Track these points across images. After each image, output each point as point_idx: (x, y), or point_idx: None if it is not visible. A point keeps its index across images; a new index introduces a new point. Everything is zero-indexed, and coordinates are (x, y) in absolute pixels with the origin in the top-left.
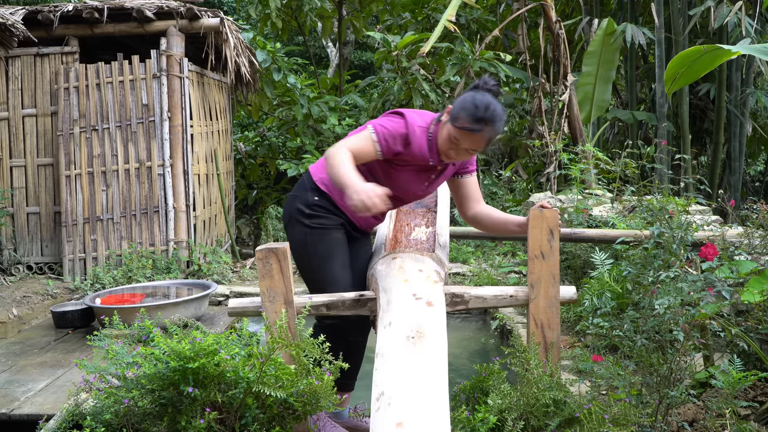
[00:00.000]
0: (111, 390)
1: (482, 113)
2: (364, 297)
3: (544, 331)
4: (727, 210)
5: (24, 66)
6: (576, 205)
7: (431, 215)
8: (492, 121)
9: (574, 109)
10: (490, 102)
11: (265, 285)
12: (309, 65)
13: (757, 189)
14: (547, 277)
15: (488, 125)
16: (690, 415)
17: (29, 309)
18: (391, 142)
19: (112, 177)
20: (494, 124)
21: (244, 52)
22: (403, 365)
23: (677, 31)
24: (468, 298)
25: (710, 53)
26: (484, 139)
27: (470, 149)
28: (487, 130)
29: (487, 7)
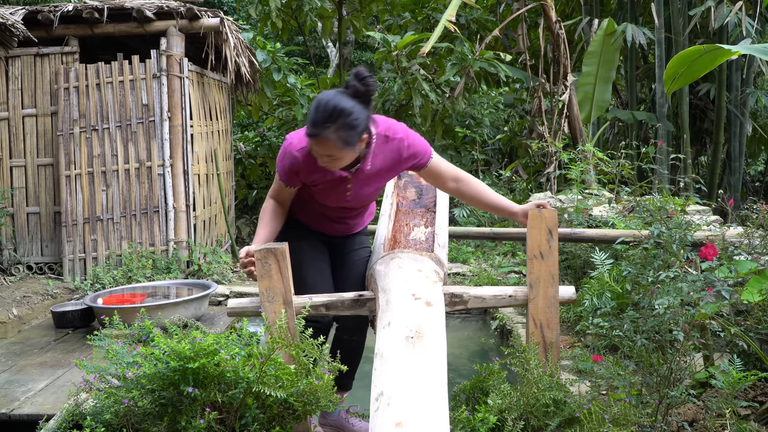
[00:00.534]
0: (111, 390)
1: (318, 115)
2: (363, 297)
3: (543, 331)
4: (727, 210)
5: (24, 66)
6: (576, 205)
7: (430, 215)
8: (330, 122)
9: (574, 109)
10: (329, 100)
11: (264, 285)
12: (309, 65)
13: (757, 189)
14: (546, 277)
15: (327, 127)
16: (690, 415)
17: (29, 309)
18: (288, 175)
19: (112, 177)
20: (333, 124)
21: (244, 52)
22: (402, 365)
23: (677, 31)
24: (467, 298)
25: (710, 53)
26: (333, 143)
27: (327, 155)
28: (328, 132)
29: (487, 7)
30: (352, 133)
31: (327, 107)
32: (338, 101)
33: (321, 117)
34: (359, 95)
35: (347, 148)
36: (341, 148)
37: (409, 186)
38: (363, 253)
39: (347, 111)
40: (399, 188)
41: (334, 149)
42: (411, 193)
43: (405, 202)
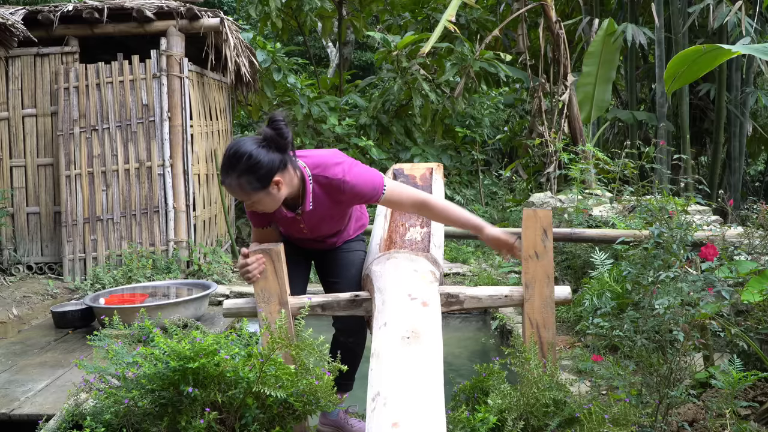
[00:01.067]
0: (111, 390)
1: (222, 162)
2: (359, 297)
3: (540, 331)
4: (727, 210)
5: (24, 66)
6: (576, 205)
7: None
8: (230, 169)
9: (574, 109)
10: (231, 147)
11: (260, 286)
12: (309, 65)
13: (757, 189)
14: (541, 277)
15: (229, 174)
16: (690, 415)
17: (29, 309)
18: (252, 217)
19: (112, 177)
20: (234, 171)
21: (244, 52)
22: (398, 365)
23: (677, 31)
24: (463, 299)
25: (710, 53)
26: (239, 189)
27: (245, 201)
28: (231, 179)
29: (487, 7)
30: (253, 177)
31: (228, 154)
32: (239, 147)
33: (224, 164)
34: (268, 140)
35: (256, 193)
36: (249, 192)
37: None
38: (355, 255)
39: (246, 156)
40: None
41: (243, 194)
42: None
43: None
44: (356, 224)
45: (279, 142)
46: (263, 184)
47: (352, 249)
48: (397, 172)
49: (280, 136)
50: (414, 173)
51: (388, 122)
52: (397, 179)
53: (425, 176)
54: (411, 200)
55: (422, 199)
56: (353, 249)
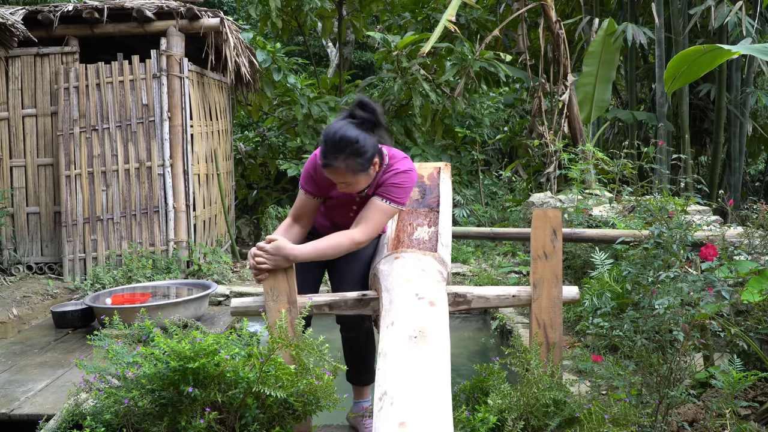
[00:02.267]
0: (111, 390)
1: (327, 147)
2: (366, 296)
3: (547, 331)
4: (727, 210)
5: (24, 66)
6: (576, 205)
7: (434, 215)
8: (338, 152)
9: (574, 109)
10: (335, 131)
11: (269, 284)
12: (309, 65)
13: (757, 189)
14: (550, 278)
15: (336, 157)
16: (690, 415)
17: (29, 309)
18: (306, 180)
19: (112, 177)
20: (342, 154)
21: (244, 52)
22: (405, 365)
23: (677, 31)
24: (471, 298)
25: (710, 53)
26: (344, 171)
27: (343, 182)
28: (338, 162)
29: (487, 7)
30: (360, 160)
31: (334, 139)
32: (344, 132)
33: (330, 148)
34: (365, 123)
35: (359, 174)
36: (353, 175)
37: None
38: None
39: (353, 140)
40: None
41: (347, 176)
42: (414, 192)
43: (408, 202)
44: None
45: (373, 125)
46: (366, 166)
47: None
48: None
49: (374, 119)
50: (422, 173)
51: (388, 122)
52: None
53: (432, 175)
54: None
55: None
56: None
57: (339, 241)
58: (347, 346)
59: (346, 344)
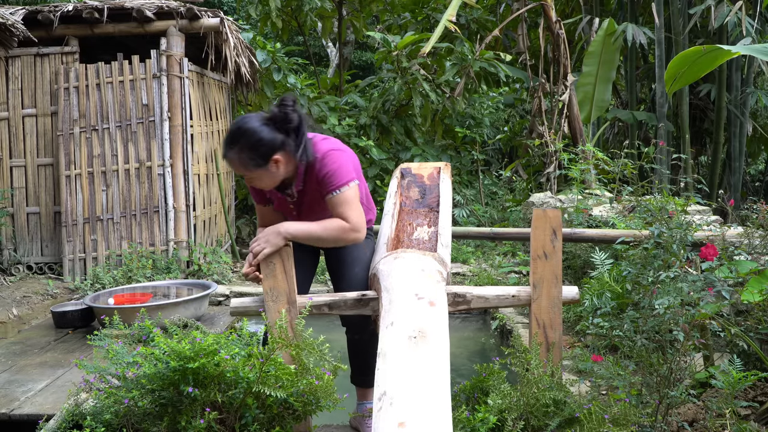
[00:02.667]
0: (111, 390)
1: (226, 137)
2: (366, 297)
3: (546, 331)
4: (727, 210)
5: (24, 66)
6: (576, 205)
7: (433, 215)
8: (233, 143)
9: (574, 109)
10: (236, 122)
11: (269, 285)
12: (309, 65)
13: (757, 189)
14: (549, 278)
15: (231, 148)
16: (690, 415)
17: (29, 309)
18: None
19: (112, 177)
20: (236, 145)
21: (244, 52)
22: (405, 365)
23: (677, 31)
24: (470, 298)
25: (710, 53)
26: (237, 163)
27: (245, 176)
28: (232, 153)
29: (487, 7)
30: (253, 154)
31: (233, 128)
32: (244, 123)
33: (227, 138)
34: (275, 120)
35: (251, 169)
36: (249, 168)
37: (412, 185)
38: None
39: (249, 132)
40: (402, 188)
41: (243, 169)
42: (414, 192)
43: (408, 202)
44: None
45: (284, 123)
46: (263, 161)
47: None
48: (404, 172)
49: (285, 118)
50: (422, 173)
51: (388, 122)
52: (404, 179)
53: (433, 175)
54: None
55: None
56: (359, 245)
57: (329, 223)
58: (352, 347)
59: (350, 346)
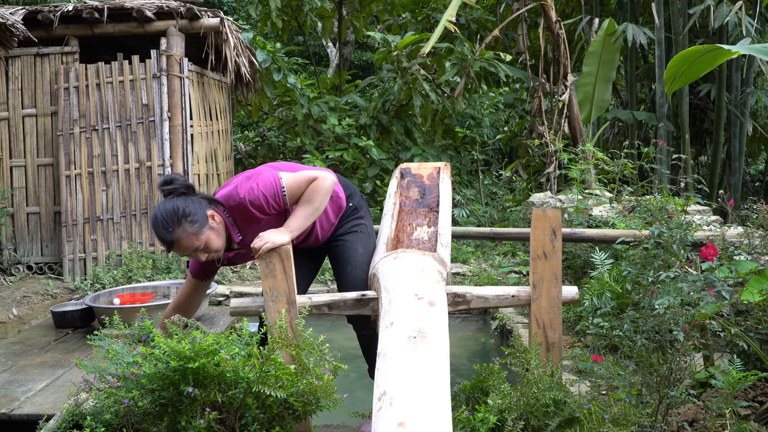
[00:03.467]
0: (111, 390)
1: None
2: (365, 297)
3: (546, 331)
4: (727, 210)
5: (24, 66)
6: (576, 205)
7: (433, 215)
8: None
9: (574, 109)
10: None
11: (268, 285)
12: (309, 65)
13: (757, 189)
14: (549, 278)
15: (173, 231)
16: (690, 415)
17: (29, 309)
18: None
19: (112, 177)
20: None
21: (244, 52)
22: (404, 365)
23: (677, 31)
24: (470, 298)
25: (710, 53)
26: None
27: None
28: (176, 233)
29: (487, 7)
30: (193, 218)
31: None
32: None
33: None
34: (175, 192)
35: (200, 233)
36: (198, 234)
37: (412, 186)
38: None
39: (174, 209)
40: (402, 188)
41: (195, 239)
42: (414, 192)
43: (408, 202)
44: (333, 209)
45: (185, 189)
46: (204, 220)
47: (348, 240)
48: (404, 172)
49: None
50: (421, 172)
51: (388, 122)
52: (404, 179)
53: (432, 175)
54: (306, 181)
55: (313, 176)
56: (349, 240)
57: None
58: (363, 343)
59: (362, 342)
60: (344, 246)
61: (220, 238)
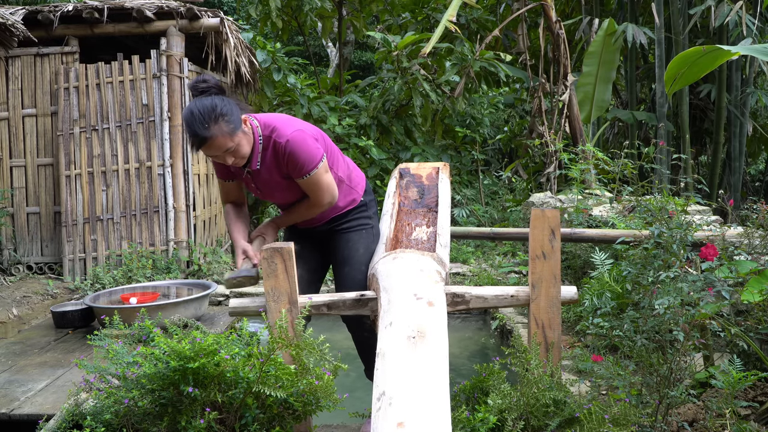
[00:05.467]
0: (111, 390)
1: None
2: (365, 297)
3: (545, 331)
4: (727, 210)
5: (24, 66)
6: (576, 205)
7: (432, 215)
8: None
9: (574, 109)
10: (191, 110)
11: (270, 285)
12: (309, 65)
13: (757, 189)
14: (548, 277)
15: (208, 128)
16: (690, 415)
17: (29, 309)
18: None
19: (112, 177)
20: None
21: (244, 52)
22: (403, 365)
23: (677, 31)
24: (469, 298)
25: (710, 54)
26: (221, 137)
27: (227, 154)
28: (211, 130)
29: (487, 7)
30: (228, 118)
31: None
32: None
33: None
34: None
35: (236, 135)
36: (231, 138)
37: (410, 186)
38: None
39: (213, 105)
40: (401, 188)
41: (227, 142)
42: (413, 192)
43: (407, 202)
44: (346, 199)
45: (219, 89)
46: (239, 123)
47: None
48: (403, 172)
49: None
50: (420, 172)
51: (388, 122)
52: (403, 179)
53: (431, 175)
54: (328, 192)
55: (332, 199)
56: (352, 239)
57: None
58: (360, 345)
59: (358, 344)
60: (346, 244)
61: (249, 145)
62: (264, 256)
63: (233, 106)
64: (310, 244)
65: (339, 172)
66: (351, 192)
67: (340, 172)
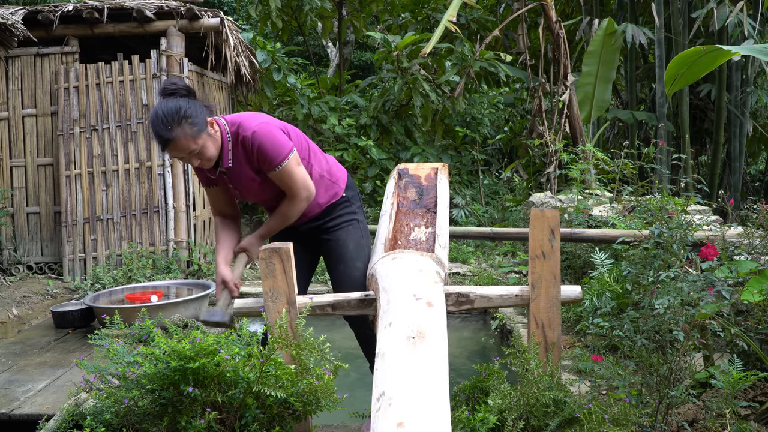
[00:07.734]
0: (111, 390)
1: (157, 128)
2: (369, 297)
3: (545, 331)
4: (727, 210)
5: (24, 66)
6: (576, 205)
7: (431, 215)
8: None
9: (574, 109)
10: (156, 112)
11: (268, 285)
12: (309, 65)
13: (757, 189)
14: (548, 277)
15: (171, 129)
16: (690, 415)
17: (29, 309)
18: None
19: (112, 177)
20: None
21: (244, 52)
22: (403, 365)
23: (677, 31)
24: (473, 298)
25: (710, 54)
26: (184, 140)
27: (192, 157)
28: (174, 131)
29: (487, 7)
30: (192, 121)
31: (159, 116)
32: (164, 106)
33: (162, 123)
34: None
35: (200, 137)
36: (196, 137)
37: (409, 186)
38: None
39: (178, 107)
40: (399, 188)
41: (191, 144)
42: (411, 193)
43: (405, 203)
44: (328, 193)
45: (187, 92)
46: (204, 125)
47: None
48: (401, 172)
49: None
50: (419, 173)
51: (388, 122)
52: (401, 179)
53: (430, 176)
54: (303, 185)
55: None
56: (340, 238)
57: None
58: (363, 341)
59: (361, 340)
60: (336, 243)
61: (215, 148)
62: (262, 257)
63: (199, 108)
64: (297, 245)
65: (317, 167)
66: (332, 186)
67: (318, 167)
